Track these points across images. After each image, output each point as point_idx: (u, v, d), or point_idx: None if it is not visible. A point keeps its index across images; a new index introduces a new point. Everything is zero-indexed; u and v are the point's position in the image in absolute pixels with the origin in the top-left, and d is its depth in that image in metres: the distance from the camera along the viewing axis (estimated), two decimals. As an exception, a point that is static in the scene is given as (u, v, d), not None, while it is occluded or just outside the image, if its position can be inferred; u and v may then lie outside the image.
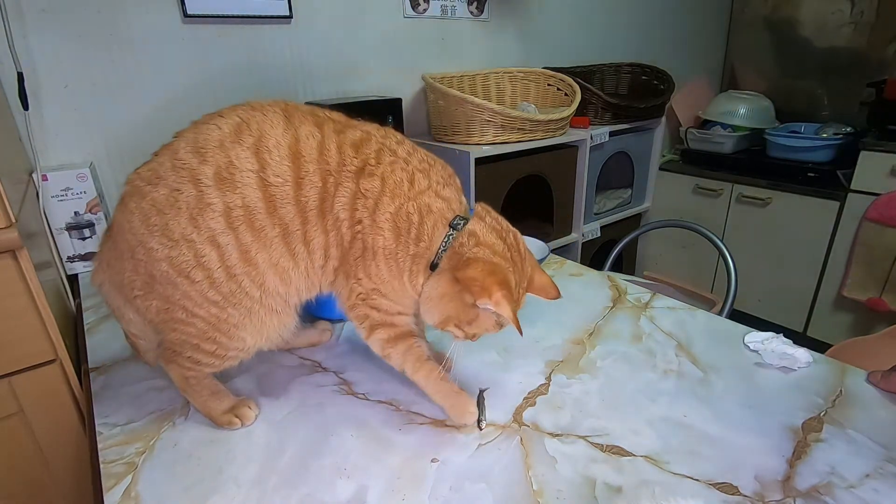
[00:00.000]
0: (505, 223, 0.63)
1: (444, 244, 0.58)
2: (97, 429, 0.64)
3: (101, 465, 0.58)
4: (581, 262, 1.40)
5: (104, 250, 0.62)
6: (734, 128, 2.30)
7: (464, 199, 0.63)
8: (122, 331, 0.69)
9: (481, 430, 0.63)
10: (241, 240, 0.56)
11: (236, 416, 0.64)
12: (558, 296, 0.64)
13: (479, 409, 0.64)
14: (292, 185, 0.56)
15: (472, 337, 0.62)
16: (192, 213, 0.54)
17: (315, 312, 0.86)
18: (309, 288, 0.63)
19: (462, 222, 0.59)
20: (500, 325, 0.60)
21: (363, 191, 0.57)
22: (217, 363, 0.63)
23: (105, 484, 0.56)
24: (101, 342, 0.84)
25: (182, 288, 0.56)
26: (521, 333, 0.56)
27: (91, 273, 0.65)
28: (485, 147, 1.49)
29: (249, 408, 0.65)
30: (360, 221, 0.57)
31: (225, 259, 0.56)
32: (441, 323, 0.60)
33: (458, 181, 0.65)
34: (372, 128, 0.61)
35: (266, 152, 0.55)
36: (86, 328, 0.88)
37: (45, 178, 1.02)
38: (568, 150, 1.75)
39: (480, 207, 0.63)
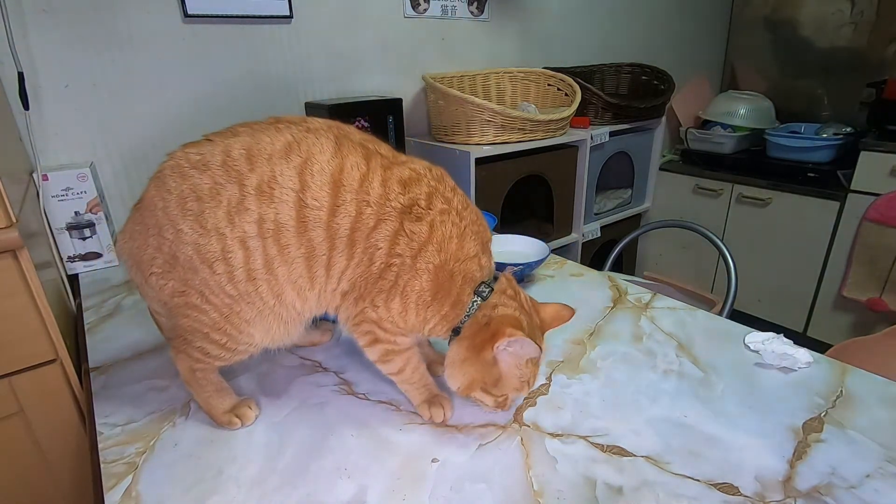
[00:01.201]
0: (520, 289, 0.64)
1: (468, 311, 0.60)
2: (97, 428, 0.64)
3: (102, 465, 0.58)
4: (581, 263, 1.40)
5: (130, 222, 0.62)
6: (734, 128, 2.30)
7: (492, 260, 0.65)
8: (148, 308, 0.70)
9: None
10: (267, 250, 0.56)
11: (237, 416, 0.64)
12: (572, 313, 0.66)
13: None
14: (327, 210, 0.56)
15: (503, 402, 0.62)
16: (231, 210, 0.55)
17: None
18: (318, 308, 0.63)
19: (487, 290, 0.60)
20: (527, 384, 0.61)
21: (408, 231, 0.57)
22: (227, 356, 0.62)
23: (105, 484, 0.56)
24: (102, 342, 0.84)
25: (202, 275, 0.57)
26: (541, 350, 0.58)
27: (116, 243, 0.65)
28: (485, 147, 1.49)
29: (250, 408, 0.66)
30: (399, 255, 0.57)
31: (249, 262, 0.57)
32: (466, 388, 0.61)
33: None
34: (421, 167, 0.61)
35: (309, 175, 0.56)
36: (86, 328, 0.88)
37: (45, 178, 1.02)
38: (568, 150, 1.75)
39: (504, 280, 0.63)
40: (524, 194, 1.67)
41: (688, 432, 0.62)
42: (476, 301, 0.60)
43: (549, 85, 1.78)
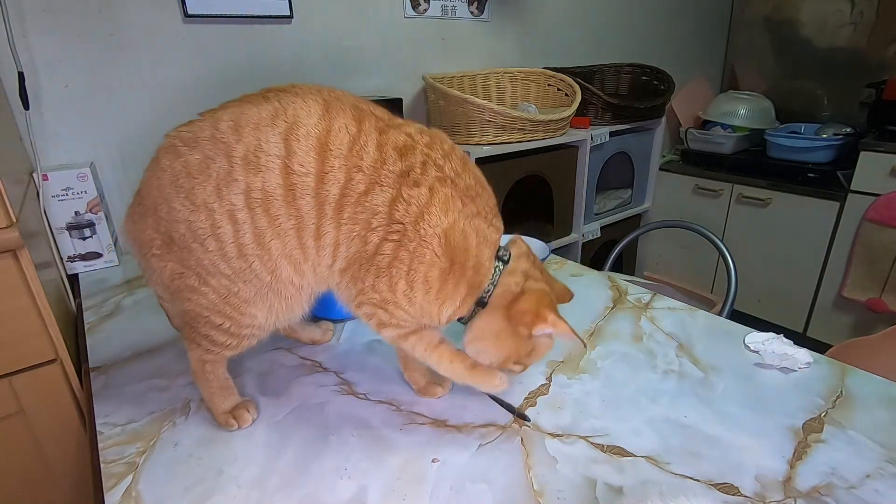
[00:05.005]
0: (530, 250, 0.64)
1: (493, 279, 0.58)
2: (97, 428, 0.64)
3: (102, 465, 0.58)
4: (581, 263, 1.40)
5: (133, 205, 0.63)
6: (734, 128, 2.30)
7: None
8: (155, 294, 0.70)
9: (528, 420, 0.65)
10: (256, 223, 0.55)
11: (234, 418, 0.64)
12: (572, 296, 0.66)
13: (504, 406, 0.67)
14: (314, 177, 0.54)
15: (527, 366, 0.62)
16: (220, 183, 0.54)
17: (317, 312, 0.86)
18: (317, 284, 0.61)
19: (507, 255, 0.59)
20: (550, 349, 0.63)
21: (405, 196, 0.54)
22: (232, 342, 0.62)
23: (105, 484, 0.56)
24: (102, 342, 0.84)
25: (196, 254, 0.56)
26: (585, 346, 0.58)
27: (123, 228, 0.64)
28: (485, 147, 1.49)
29: (248, 411, 0.65)
30: (399, 223, 0.54)
31: (239, 236, 0.55)
32: (502, 363, 0.60)
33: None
34: (415, 130, 0.59)
35: (295, 140, 0.54)
36: (86, 328, 0.88)
37: (45, 178, 1.02)
38: (568, 151, 1.75)
39: (520, 241, 0.62)
40: (524, 194, 1.67)
41: (688, 432, 0.62)
42: (499, 266, 0.58)
43: (549, 85, 1.79)
